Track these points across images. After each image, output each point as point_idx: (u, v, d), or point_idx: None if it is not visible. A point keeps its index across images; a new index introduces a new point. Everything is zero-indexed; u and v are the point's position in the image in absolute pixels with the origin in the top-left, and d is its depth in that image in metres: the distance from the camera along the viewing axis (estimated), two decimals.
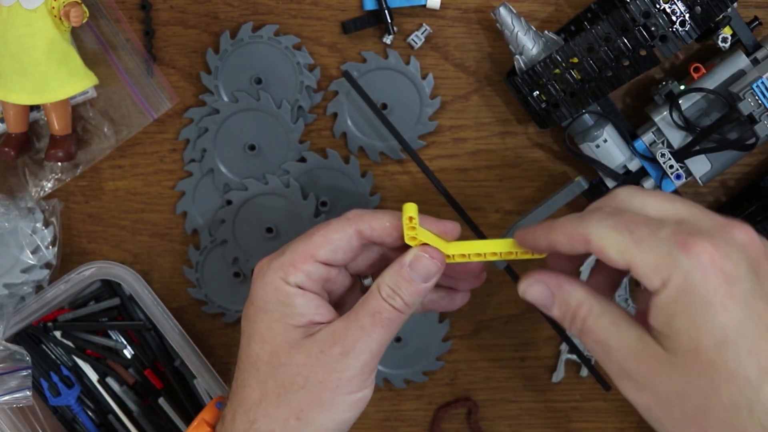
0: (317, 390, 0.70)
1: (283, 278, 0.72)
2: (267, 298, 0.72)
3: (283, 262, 0.72)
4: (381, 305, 0.71)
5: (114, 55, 0.86)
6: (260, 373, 0.72)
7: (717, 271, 0.57)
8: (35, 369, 0.88)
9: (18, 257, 0.87)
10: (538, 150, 0.89)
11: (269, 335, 0.72)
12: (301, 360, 0.71)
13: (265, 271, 0.72)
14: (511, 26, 0.80)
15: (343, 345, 0.70)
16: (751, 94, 0.77)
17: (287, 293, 0.72)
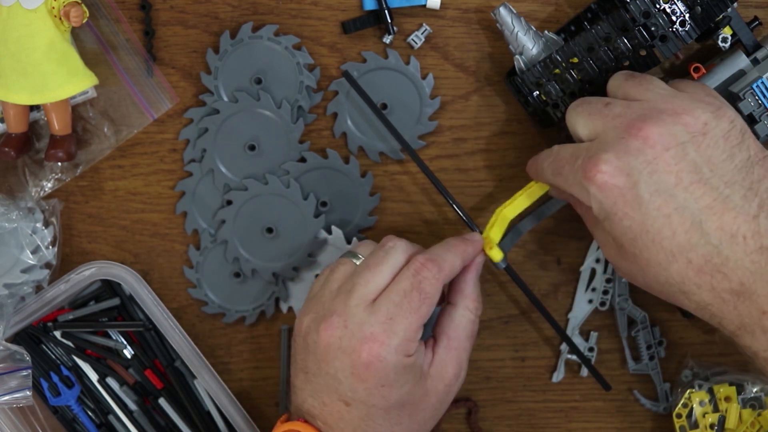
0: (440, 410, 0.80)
1: (407, 355, 0.75)
2: (396, 378, 0.75)
3: (404, 340, 0.74)
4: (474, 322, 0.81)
5: (114, 55, 0.86)
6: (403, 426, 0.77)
7: (611, 187, 0.70)
8: (35, 369, 0.88)
9: (18, 257, 0.87)
10: (538, 150, 0.89)
11: (408, 398, 0.76)
12: (434, 400, 0.78)
13: (385, 354, 0.74)
14: (511, 26, 0.80)
15: (455, 370, 0.79)
16: (751, 94, 0.77)
17: (409, 366, 0.75)
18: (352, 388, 0.75)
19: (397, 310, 0.75)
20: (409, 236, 0.90)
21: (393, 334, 0.74)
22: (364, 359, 0.74)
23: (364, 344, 0.74)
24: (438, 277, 0.76)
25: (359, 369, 0.74)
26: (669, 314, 0.92)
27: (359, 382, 0.74)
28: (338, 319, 0.75)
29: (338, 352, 0.75)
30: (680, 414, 0.89)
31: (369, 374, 0.74)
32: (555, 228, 0.91)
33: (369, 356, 0.73)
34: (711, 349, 0.93)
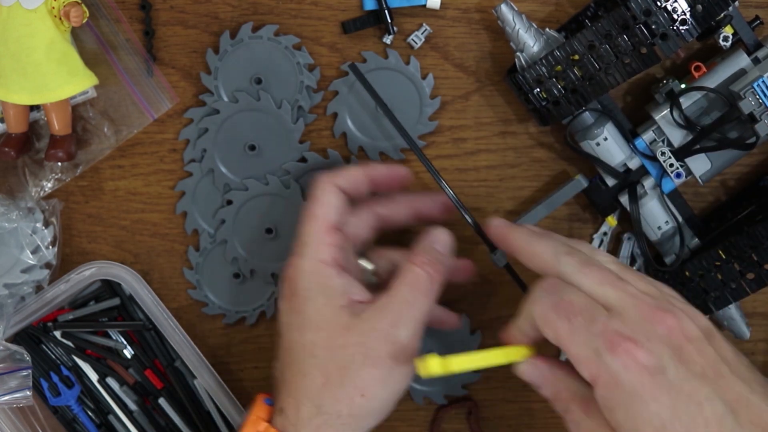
0: (378, 364, 0.75)
1: (321, 260, 0.77)
2: (309, 286, 0.76)
3: (312, 247, 0.77)
4: (419, 275, 0.77)
5: (114, 55, 0.86)
6: (319, 359, 0.75)
7: (641, 368, 0.64)
8: (35, 369, 0.88)
9: (18, 257, 0.87)
10: (538, 149, 0.89)
11: (322, 321, 0.75)
12: (357, 339, 0.74)
13: (298, 264, 0.77)
14: (512, 23, 0.80)
15: (392, 319, 0.75)
16: (752, 93, 0.77)
17: (328, 275, 0.76)
18: (281, 312, 0.78)
19: (299, 226, 0.79)
20: (410, 236, 0.90)
21: (302, 243, 0.78)
22: (286, 275, 0.77)
23: (287, 265, 0.78)
24: (327, 181, 0.79)
25: (284, 287, 0.78)
26: None
27: (284, 301, 0.78)
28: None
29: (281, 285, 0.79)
30: None
31: (287, 287, 0.77)
32: (555, 228, 0.91)
33: (289, 269, 0.77)
34: None
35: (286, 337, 0.77)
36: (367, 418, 0.76)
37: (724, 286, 0.84)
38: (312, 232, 0.78)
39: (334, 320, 0.75)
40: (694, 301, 0.84)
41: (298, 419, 0.75)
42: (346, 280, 0.77)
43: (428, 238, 0.81)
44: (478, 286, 0.91)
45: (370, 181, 0.82)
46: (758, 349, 0.93)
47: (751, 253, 0.81)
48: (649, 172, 0.84)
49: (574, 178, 0.85)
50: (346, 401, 0.74)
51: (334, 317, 0.75)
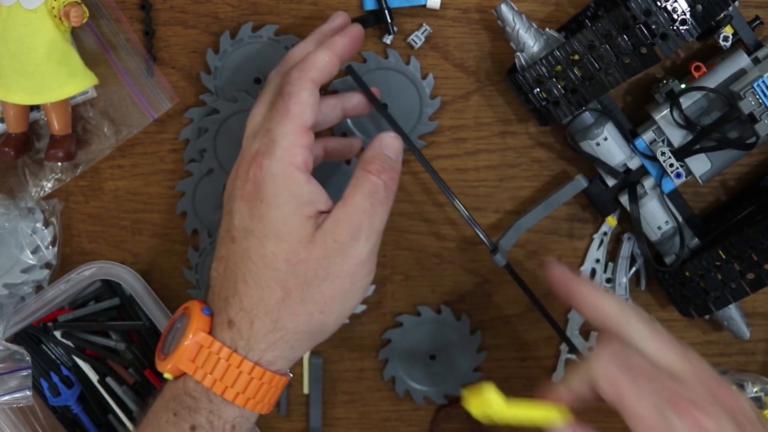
0: (339, 280, 0.72)
1: (293, 163, 0.72)
2: (278, 192, 0.71)
3: (284, 148, 0.71)
4: (376, 184, 0.73)
5: (114, 55, 0.86)
6: (279, 273, 0.71)
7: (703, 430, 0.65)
8: (35, 369, 0.88)
9: (18, 257, 0.87)
10: (538, 149, 0.89)
11: (286, 231, 0.71)
12: (320, 253, 0.71)
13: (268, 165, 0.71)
14: (512, 23, 0.80)
15: (352, 230, 0.72)
16: (752, 93, 0.77)
17: (298, 182, 0.72)
18: (239, 214, 0.73)
19: (270, 122, 0.73)
20: (410, 236, 0.90)
21: (272, 141, 0.72)
22: (251, 175, 0.72)
23: (251, 162, 0.72)
24: (300, 76, 0.73)
25: (247, 187, 0.72)
26: (669, 314, 0.92)
27: (245, 203, 0.72)
28: (238, 159, 0.75)
29: (235, 182, 0.74)
30: None
31: (252, 189, 0.72)
32: (555, 228, 0.91)
33: (254, 169, 0.72)
34: (711, 349, 0.93)
35: (240, 244, 0.72)
36: (323, 333, 0.74)
37: (724, 286, 0.84)
38: (286, 132, 0.72)
39: (298, 232, 0.71)
40: (694, 301, 0.85)
41: (252, 334, 0.72)
42: (314, 188, 0.72)
43: (379, 143, 0.76)
44: (478, 286, 0.92)
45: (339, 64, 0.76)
46: (758, 349, 0.93)
47: (751, 253, 0.81)
48: (649, 172, 0.84)
49: (574, 178, 0.85)
50: (305, 317, 0.72)
51: (298, 228, 0.71)
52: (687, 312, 0.88)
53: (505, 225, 0.89)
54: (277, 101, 0.73)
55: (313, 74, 0.74)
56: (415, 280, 0.92)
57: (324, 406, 0.94)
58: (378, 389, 0.94)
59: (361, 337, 0.93)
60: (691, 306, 0.87)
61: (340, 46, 0.76)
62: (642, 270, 0.91)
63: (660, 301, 0.92)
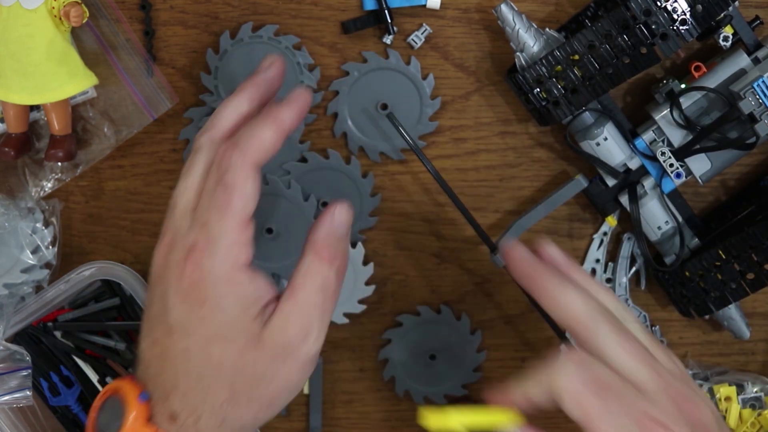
0: (287, 379, 0.68)
1: (236, 264, 0.66)
2: (221, 294, 0.66)
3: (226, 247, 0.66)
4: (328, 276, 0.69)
5: (114, 55, 0.86)
6: (226, 376, 0.67)
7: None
8: (35, 369, 0.87)
9: (18, 257, 0.87)
10: (538, 149, 0.89)
11: (232, 336, 0.67)
12: (268, 355, 0.67)
13: (209, 266, 0.66)
14: (512, 23, 0.80)
15: (301, 329, 0.67)
16: (752, 93, 0.77)
17: (242, 282, 0.66)
18: (176, 311, 0.67)
19: (208, 213, 0.66)
20: (410, 236, 0.90)
21: (212, 240, 0.65)
22: (188, 272, 0.66)
23: (188, 256, 0.66)
24: (243, 162, 0.66)
25: (183, 284, 0.66)
26: (669, 314, 0.92)
27: (182, 300, 0.66)
28: (167, 237, 0.68)
29: (166, 270, 0.67)
30: None
31: (191, 289, 0.66)
32: (555, 228, 0.91)
33: (192, 267, 0.66)
34: (711, 349, 0.93)
35: (179, 341, 0.67)
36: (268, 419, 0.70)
37: (724, 286, 0.84)
38: (228, 229, 0.66)
39: (245, 334, 0.67)
40: (694, 301, 0.85)
41: (197, 429, 0.67)
42: (258, 282, 0.67)
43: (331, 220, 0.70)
44: (478, 286, 0.92)
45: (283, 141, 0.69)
46: (758, 349, 0.93)
47: (751, 253, 0.81)
48: (649, 172, 0.84)
49: (574, 178, 0.85)
50: (251, 415, 0.68)
51: (245, 331, 0.67)
52: (687, 312, 0.88)
53: (505, 225, 0.89)
54: (217, 190, 0.67)
55: (256, 158, 0.67)
56: (415, 280, 0.92)
57: (324, 406, 0.94)
58: (378, 389, 0.94)
59: (361, 337, 0.93)
60: (691, 306, 0.87)
61: (287, 121, 0.69)
62: (642, 270, 0.91)
63: (660, 301, 0.92)
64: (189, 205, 0.68)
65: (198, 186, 0.69)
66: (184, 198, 0.69)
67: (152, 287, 0.70)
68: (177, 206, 0.69)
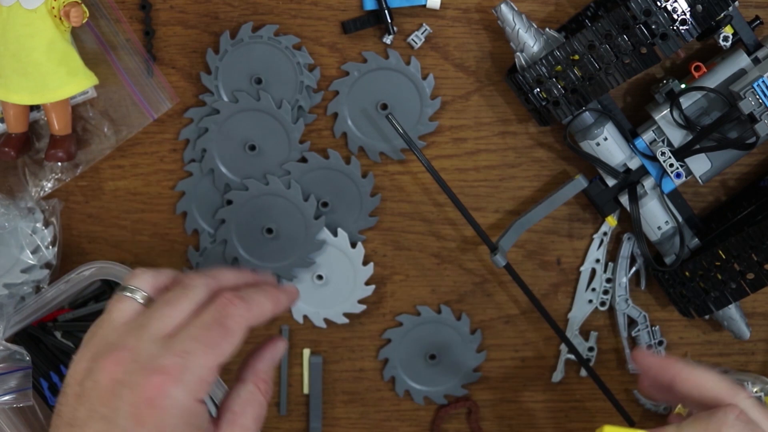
0: None
1: (197, 398, 0.65)
2: (178, 425, 0.65)
3: (194, 382, 0.65)
4: (263, 406, 0.71)
5: (114, 55, 0.86)
6: None
7: None
8: (35, 369, 0.87)
9: (18, 257, 0.87)
10: (538, 149, 0.89)
11: None
12: None
13: (173, 394, 0.64)
14: (512, 23, 0.80)
15: None
16: (752, 93, 0.77)
17: (197, 415, 0.66)
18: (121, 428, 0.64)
19: (194, 344, 0.66)
20: (410, 236, 0.90)
21: (186, 370, 0.65)
22: (148, 394, 0.64)
23: (151, 377, 0.64)
24: (245, 316, 0.68)
25: (141, 407, 0.64)
26: (669, 314, 0.92)
27: (137, 424, 0.64)
28: (127, 353, 0.66)
29: (121, 389, 0.64)
30: (680, 414, 0.89)
31: (150, 414, 0.64)
32: (555, 228, 0.91)
33: (154, 391, 0.64)
34: (711, 349, 0.93)
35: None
36: None
37: (724, 286, 0.84)
38: (205, 366, 0.65)
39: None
40: (694, 301, 0.85)
41: None
42: (205, 414, 0.67)
43: (272, 353, 0.74)
44: (478, 286, 0.92)
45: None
46: (758, 348, 0.93)
47: (751, 253, 0.81)
48: (649, 172, 0.84)
49: (574, 178, 0.85)
50: None
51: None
52: (687, 312, 0.88)
53: (505, 225, 0.89)
54: (213, 328, 0.67)
55: (254, 320, 0.69)
56: (415, 280, 0.92)
57: (324, 406, 0.94)
58: (378, 389, 0.94)
59: (361, 337, 0.93)
60: (691, 306, 0.87)
61: (281, 306, 0.73)
62: (642, 270, 0.91)
63: (660, 301, 0.92)
64: (163, 332, 0.67)
65: (182, 319, 0.68)
66: (160, 323, 0.68)
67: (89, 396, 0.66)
68: (147, 327, 0.67)
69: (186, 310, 0.69)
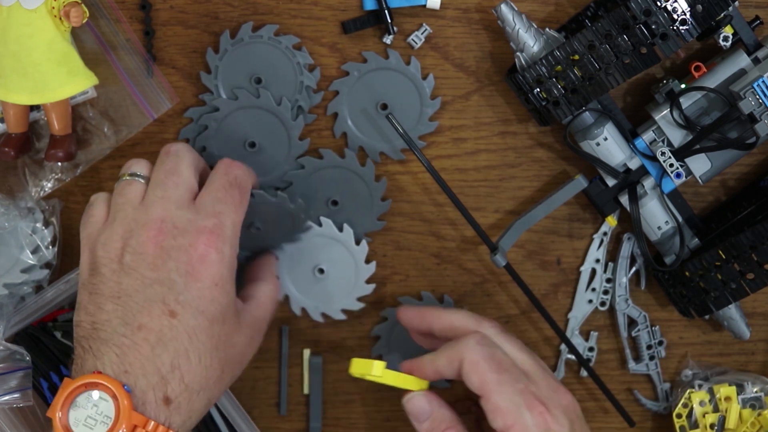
0: (246, 362, 0.80)
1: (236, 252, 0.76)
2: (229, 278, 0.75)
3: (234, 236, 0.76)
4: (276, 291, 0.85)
5: (114, 55, 0.86)
6: (221, 353, 0.74)
7: (548, 429, 0.74)
8: (35, 369, 0.87)
9: (18, 257, 0.87)
10: (538, 149, 0.89)
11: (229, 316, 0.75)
12: (245, 340, 0.78)
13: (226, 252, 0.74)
14: (512, 23, 0.80)
15: (261, 327, 0.81)
16: (752, 93, 0.77)
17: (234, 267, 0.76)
18: (184, 289, 0.72)
19: (223, 205, 0.75)
20: (410, 236, 0.90)
21: (225, 227, 0.74)
22: (201, 251, 0.72)
23: (200, 237, 0.73)
24: (248, 175, 0.79)
25: (194, 264, 0.72)
26: (669, 314, 0.92)
27: (194, 280, 0.72)
28: (165, 222, 0.73)
29: (173, 251, 0.73)
30: (680, 414, 0.89)
31: (204, 269, 0.73)
32: (555, 228, 0.91)
33: (207, 248, 0.73)
34: (711, 349, 0.93)
35: (185, 320, 0.72)
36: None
37: (724, 286, 0.84)
38: (237, 222, 0.77)
39: (234, 318, 0.76)
40: (694, 301, 0.85)
41: (191, 410, 0.72)
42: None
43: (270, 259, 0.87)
44: (478, 286, 0.92)
45: None
46: (758, 348, 0.93)
47: (751, 253, 0.81)
48: (649, 172, 0.84)
49: (574, 178, 0.85)
50: (224, 390, 0.78)
51: (234, 315, 0.76)
52: (687, 312, 0.88)
53: (505, 225, 0.89)
54: (231, 190, 0.77)
55: (252, 182, 0.81)
56: (415, 280, 0.92)
57: (324, 406, 0.94)
58: (378, 389, 0.93)
59: (360, 337, 0.93)
60: (691, 306, 0.87)
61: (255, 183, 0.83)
62: (642, 270, 0.91)
63: (660, 301, 0.92)
64: (186, 198, 0.76)
65: (191, 184, 0.77)
66: (177, 192, 0.76)
67: (129, 272, 0.73)
68: (169, 198, 0.75)
69: (189, 175, 0.77)
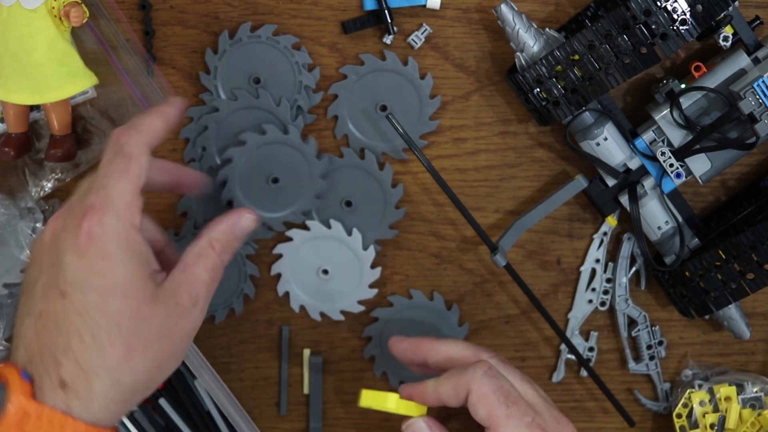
0: (177, 340, 0.72)
1: (132, 223, 0.71)
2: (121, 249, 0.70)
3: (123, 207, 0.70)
4: (216, 262, 0.75)
5: (114, 55, 0.86)
6: (123, 329, 0.69)
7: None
8: None
9: (18, 257, 0.87)
10: (538, 149, 0.89)
11: (132, 288, 0.70)
12: (162, 312, 0.71)
13: (107, 222, 0.70)
14: (512, 23, 0.80)
15: (192, 296, 0.72)
16: (752, 93, 0.77)
17: (138, 241, 0.71)
18: (72, 269, 0.69)
19: (106, 178, 0.71)
20: (410, 236, 0.90)
21: (110, 198, 0.70)
22: (85, 228, 0.69)
23: (84, 215, 0.69)
24: (138, 137, 0.73)
25: (80, 242, 0.69)
26: (669, 314, 0.92)
27: (79, 257, 0.69)
28: (61, 210, 0.73)
29: (62, 233, 0.71)
30: (680, 414, 0.89)
31: (89, 245, 0.69)
32: (555, 228, 0.91)
33: (90, 224, 0.69)
34: (711, 349, 0.93)
35: (74, 299, 0.68)
36: (152, 390, 0.73)
37: (724, 286, 0.84)
38: (125, 191, 0.70)
39: (143, 289, 0.70)
40: (694, 301, 0.85)
41: (91, 393, 0.68)
42: (149, 249, 0.72)
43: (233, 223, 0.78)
44: (478, 286, 0.92)
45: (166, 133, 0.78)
46: (758, 348, 0.93)
47: (751, 253, 0.81)
48: (649, 172, 0.84)
49: (574, 178, 0.85)
50: (144, 374, 0.70)
51: (143, 286, 0.70)
52: (687, 312, 0.88)
53: (505, 225, 0.89)
54: (116, 159, 0.72)
55: (150, 140, 0.74)
56: (415, 280, 0.92)
57: (324, 406, 0.94)
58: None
59: (360, 337, 0.93)
60: (691, 306, 0.87)
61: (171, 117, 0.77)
62: (642, 270, 0.91)
63: (660, 301, 0.92)
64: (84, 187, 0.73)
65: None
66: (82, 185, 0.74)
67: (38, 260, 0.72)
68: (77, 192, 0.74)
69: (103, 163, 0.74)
